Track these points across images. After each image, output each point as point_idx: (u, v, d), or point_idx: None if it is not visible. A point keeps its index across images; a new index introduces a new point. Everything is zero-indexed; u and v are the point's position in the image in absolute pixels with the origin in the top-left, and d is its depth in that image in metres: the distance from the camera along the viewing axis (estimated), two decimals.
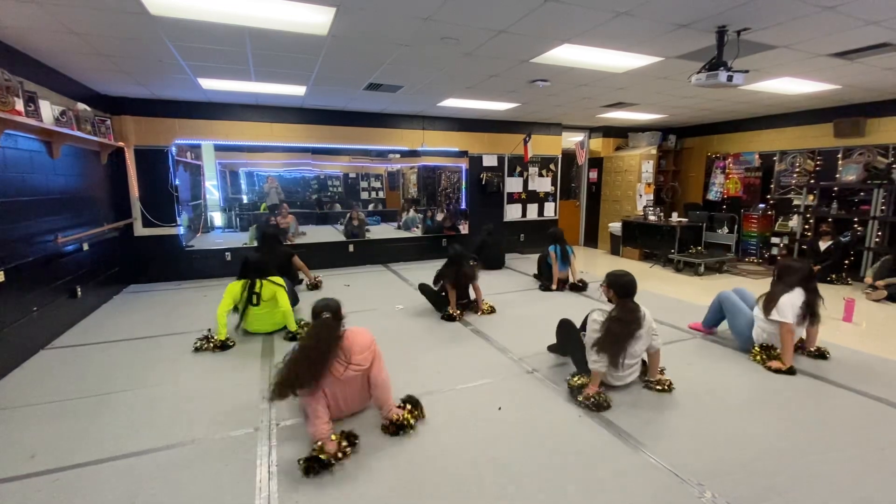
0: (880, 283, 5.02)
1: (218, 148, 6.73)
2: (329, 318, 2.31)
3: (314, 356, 2.20)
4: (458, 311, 4.30)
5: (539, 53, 3.77)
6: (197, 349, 3.49)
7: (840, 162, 6.27)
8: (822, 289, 5.34)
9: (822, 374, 3.10)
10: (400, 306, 4.73)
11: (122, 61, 3.92)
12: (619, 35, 3.32)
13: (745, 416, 2.56)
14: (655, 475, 2.05)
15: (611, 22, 3.05)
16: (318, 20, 3.01)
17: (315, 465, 2.04)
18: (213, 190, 7.37)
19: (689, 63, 3.96)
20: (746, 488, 1.95)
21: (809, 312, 3.18)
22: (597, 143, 8.76)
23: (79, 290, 4.24)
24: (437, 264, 4.66)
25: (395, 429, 2.36)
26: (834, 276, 5.77)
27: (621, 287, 2.73)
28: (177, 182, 5.81)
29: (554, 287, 5.35)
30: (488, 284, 5.43)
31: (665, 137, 8.46)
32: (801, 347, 3.43)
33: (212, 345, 3.51)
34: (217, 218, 7.55)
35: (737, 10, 2.86)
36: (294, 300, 4.39)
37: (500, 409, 2.64)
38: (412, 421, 2.41)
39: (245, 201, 7.88)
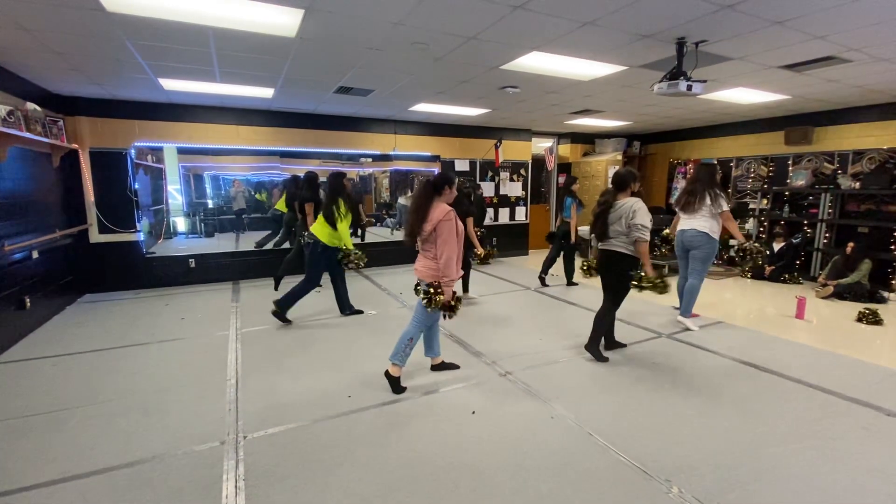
0: (831, 281, 5.34)
1: (181, 151, 6.49)
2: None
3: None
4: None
5: (508, 60, 3.83)
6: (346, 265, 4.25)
7: (790, 168, 6.64)
8: (777, 288, 5.76)
9: (778, 369, 3.26)
10: (374, 312, 4.68)
11: (76, 59, 3.73)
12: (585, 44, 3.42)
13: (707, 412, 2.66)
14: (625, 473, 2.10)
15: (577, 31, 3.13)
16: (286, 22, 2.96)
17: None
18: (175, 194, 7.10)
19: (651, 72, 4.11)
20: (711, 482, 2.02)
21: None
22: (565, 149, 8.97)
23: (27, 300, 3.99)
24: (410, 269, 4.63)
25: (448, 308, 2.82)
26: (787, 275, 6.09)
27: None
28: (136, 186, 5.56)
29: (573, 240, 5.61)
30: (458, 285, 5.45)
31: (630, 143, 8.74)
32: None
33: (356, 263, 4.19)
34: (180, 223, 7.28)
35: (694, 23, 3.00)
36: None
37: (473, 412, 2.64)
38: (454, 305, 2.84)
39: (210, 206, 7.63)
